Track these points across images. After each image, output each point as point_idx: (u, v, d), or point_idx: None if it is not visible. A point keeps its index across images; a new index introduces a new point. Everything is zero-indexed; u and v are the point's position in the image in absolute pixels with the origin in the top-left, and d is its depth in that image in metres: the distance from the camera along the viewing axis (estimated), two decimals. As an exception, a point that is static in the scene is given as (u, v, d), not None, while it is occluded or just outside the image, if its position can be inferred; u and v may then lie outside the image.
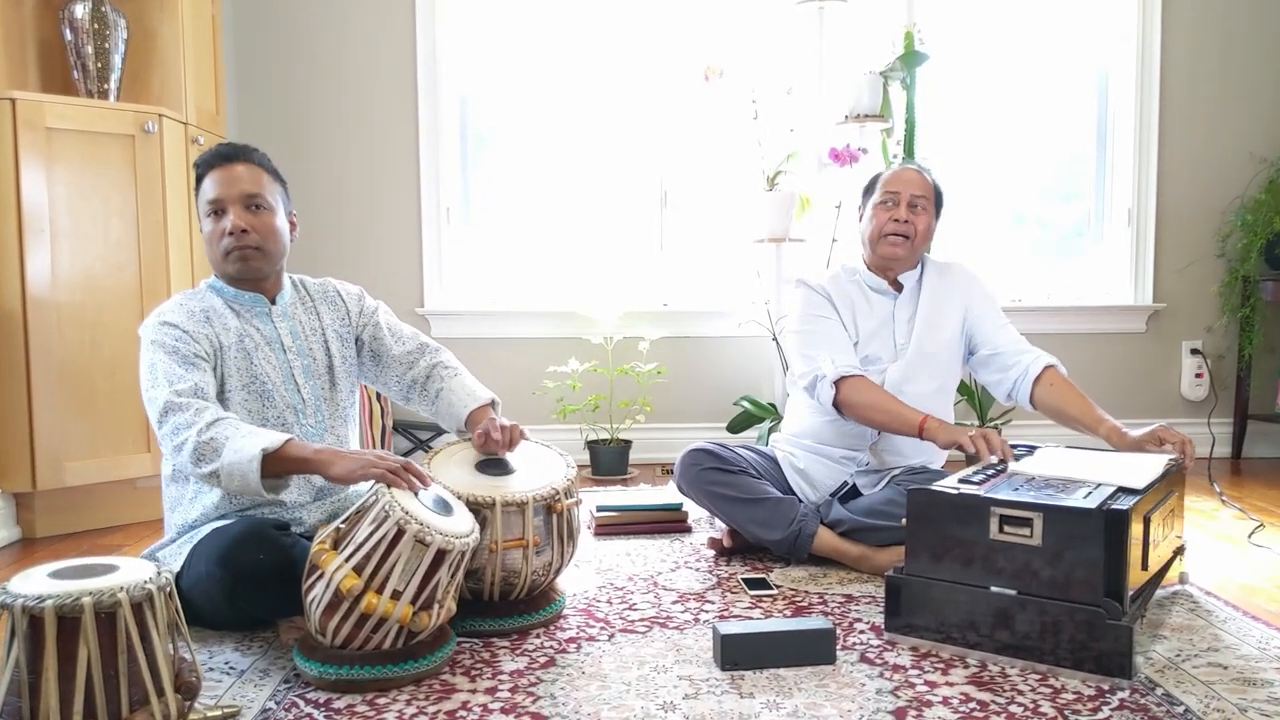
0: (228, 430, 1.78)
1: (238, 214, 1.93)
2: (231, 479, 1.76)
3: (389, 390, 2.20)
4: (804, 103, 3.70)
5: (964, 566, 1.79)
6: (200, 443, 1.76)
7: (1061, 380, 2.34)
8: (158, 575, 1.41)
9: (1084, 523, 1.68)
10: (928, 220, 2.42)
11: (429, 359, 2.17)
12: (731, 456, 2.45)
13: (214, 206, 1.95)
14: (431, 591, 1.66)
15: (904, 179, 2.43)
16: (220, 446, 1.76)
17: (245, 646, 1.87)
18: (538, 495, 1.89)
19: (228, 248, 1.94)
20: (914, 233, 2.39)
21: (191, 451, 1.77)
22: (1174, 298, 3.99)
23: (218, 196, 1.94)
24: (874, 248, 2.44)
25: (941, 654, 1.79)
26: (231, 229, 1.92)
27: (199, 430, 1.77)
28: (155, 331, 1.90)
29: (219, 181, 1.94)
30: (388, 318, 2.20)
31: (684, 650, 1.82)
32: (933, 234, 2.46)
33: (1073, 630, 1.68)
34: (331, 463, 1.77)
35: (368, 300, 2.19)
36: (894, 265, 2.45)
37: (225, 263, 1.96)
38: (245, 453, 1.74)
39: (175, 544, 1.96)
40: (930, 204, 2.43)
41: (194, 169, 1.99)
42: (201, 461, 1.77)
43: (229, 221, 1.93)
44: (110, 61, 2.93)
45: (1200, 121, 3.93)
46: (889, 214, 2.40)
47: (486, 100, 3.96)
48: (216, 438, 1.77)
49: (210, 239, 1.97)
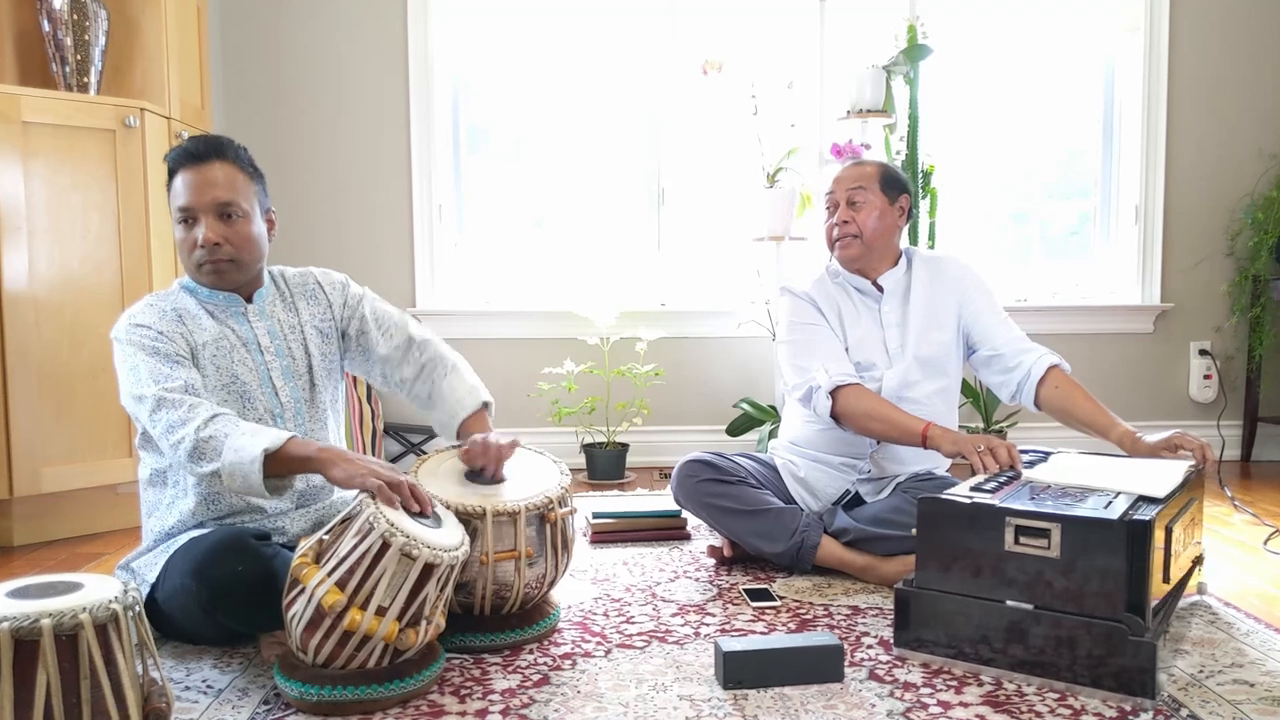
0: (227, 427, 1.70)
1: (210, 225, 1.82)
2: (233, 479, 1.67)
3: (379, 384, 2.12)
4: (805, 98, 3.63)
5: (977, 579, 1.71)
6: (199, 440, 1.68)
7: (1067, 381, 2.25)
8: (124, 594, 1.32)
9: (1105, 534, 1.60)
10: (874, 209, 2.30)
11: (417, 356, 2.06)
12: (730, 466, 2.37)
13: (185, 214, 1.83)
14: (419, 607, 1.58)
15: (839, 178, 2.35)
16: (220, 445, 1.68)
17: (224, 663, 1.79)
18: (531, 505, 1.81)
19: (199, 260, 1.84)
20: (860, 229, 2.30)
21: (190, 450, 1.69)
22: (1182, 297, 3.91)
23: (188, 204, 1.82)
24: (832, 253, 2.39)
25: (954, 670, 1.71)
26: (203, 241, 1.82)
27: (196, 427, 1.69)
28: (129, 334, 1.82)
29: (190, 186, 1.82)
30: (374, 307, 2.08)
31: (684, 667, 1.74)
32: (895, 219, 2.34)
33: (1091, 646, 1.60)
34: (334, 463, 1.68)
35: (352, 289, 2.08)
36: (860, 266, 2.36)
37: (199, 274, 1.87)
38: (247, 452, 1.65)
39: (152, 553, 1.88)
40: (874, 189, 2.31)
41: (169, 161, 1.88)
42: (201, 460, 1.69)
43: (200, 233, 1.82)
44: (90, 54, 2.84)
45: (1209, 116, 3.85)
46: (831, 220, 2.34)
47: (479, 95, 3.88)
48: (215, 435, 1.69)
49: (182, 247, 1.86)
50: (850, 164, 2.40)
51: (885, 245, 2.35)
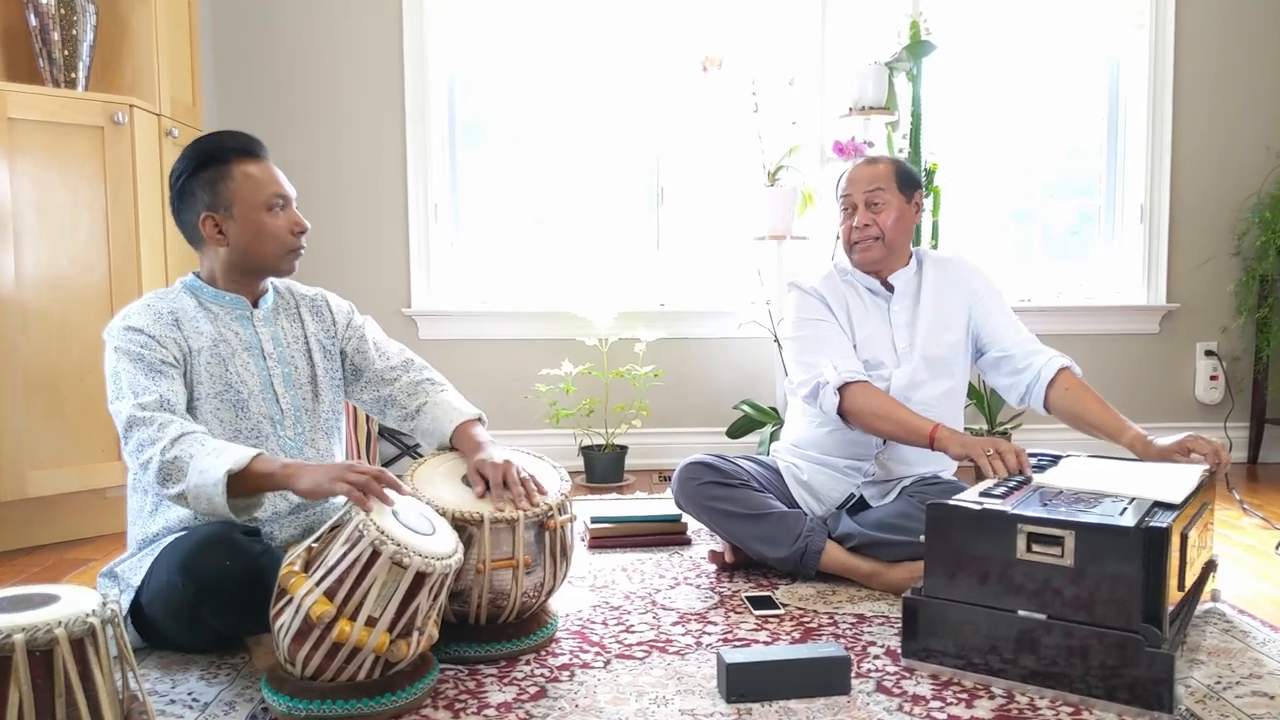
0: (192, 447, 1.65)
1: (296, 214, 1.88)
2: (199, 501, 1.63)
3: (367, 405, 2.06)
4: (806, 95, 3.58)
5: (987, 587, 1.66)
6: (165, 462, 1.64)
7: (1077, 384, 2.20)
8: (102, 606, 1.27)
9: (1121, 541, 1.54)
10: (894, 210, 2.26)
11: (413, 375, 2.04)
12: (732, 469, 2.32)
13: (281, 201, 1.86)
14: (410, 618, 1.53)
15: (854, 178, 2.30)
16: (185, 466, 1.64)
17: (212, 674, 1.73)
18: (529, 511, 1.75)
19: (292, 246, 1.87)
20: (881, 231, 2.25)
21: (157, 472, 1.65)
22: (1188, 297, 3.86)
23: (285, 192, 1.87)
24: (850, 256, 2.33)
25: (964, 682, 1.66)
26: (303, 227, 1.87)
27: (163, 448, 1.65)
28: (119, 337, 1.77)
29: (273, 177, 1.86)
30: (375, 332, 2.08)
31: (686, 679, 1.68)
32: (912, 216, 2.31)
33: (1106, 657, 1.55)
34: (298, 476, 1.63)
35: (357, 316, 2.07)
36: (877, 268, 2.31)
37: (282, 261, 1.87)
38: (210, 474, 1.61)
39: (136, 557, 1.84)
40: (891, 189, 2.26)
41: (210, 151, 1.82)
42: (168, 482, 1.65)
43: (299, 219, 1.87)
44: (78, 49, 2.79)
45: (1216, 114, 3.80)
46: (849, 222, 2.29)
47: (476, 92, 3.83)
48: (181, 456, 1.64)
49: (273, 232, 1.84)
50: (863, 163, 2.33)
51: (903, 245, 2.32)
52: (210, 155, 1.82)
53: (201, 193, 1.82)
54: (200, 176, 1.82)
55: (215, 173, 1.81)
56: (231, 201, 1.82)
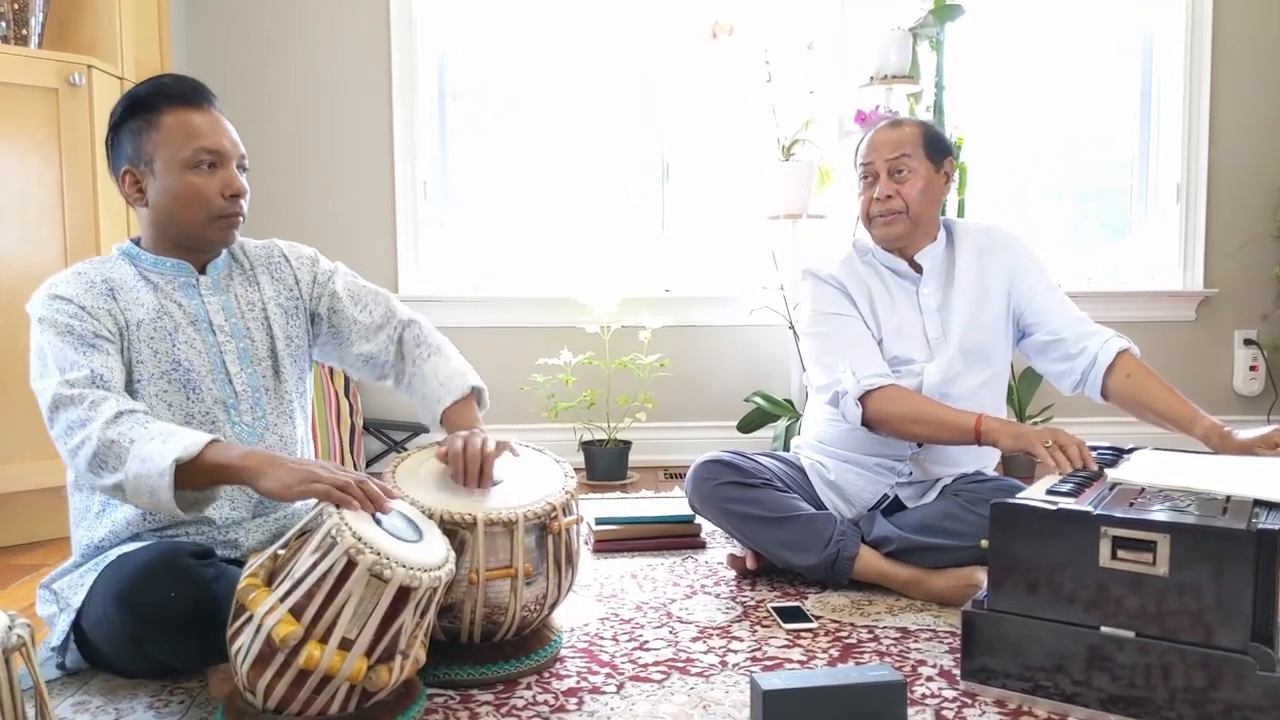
0: (133, 430, 1.41)
1: (234, 175, 1.61)
2: (139, 494, 1.40)
3: (355, 372, 1.83)
4: (823, 63, 3.37)
5: (1064, 600, 1.44)
6: (100, 445, 1.41)
7: (1140, 369, 1.97)
8: (8, 632, 1.03)
9: (1229, 547, 1.32)
10: (920, 179, 2.01)
11: (398, 331, 1.79)
12: (752, 467, 2.09)
13: (212, 157, 1.58)
14: (392, 640, 1.30)
15: (875, 143, 2.04)
16: (124, 452, 1.40)
17: (162, 702, 1.50)
18: (530, 512, 1.52)
19: (223, 211, 1.60)
20: (905, 203, 2.00)
21: (90, 458, 1.42)
22: (1226, 283, 3.68)
23: (218, 147, 1.59)
24: (870, 231, 2.08)
25: (1036, 710, 1.44)
26: (236, 190, 1.60)
27: (98, 429, 1.42)
28: (45, 307, 1.55)
29: (211, 127, 1.59)
30: (347, 281, 1.81)
31: (712, 707, 1.45)
32: (941, 187, 2.06)
33: (1205, 683, 1.34)
34: (263, 472, 1.39)
35: (322, 264, 1.80)
36: (901, 244, 2.07)
37: (211, 228, 1.60)
38: (154, 463, 1.37)
39: (78, 571, 1.61)
40: (918, 156, 2.01)
41: (142, 96, 1.58)
42: (102, 470, 1.41)
43: (234, 180, 1.60)
44: (30, 3, 2.56)
45: (1255, 89, 3.61)
46: (869, 193, 2.04)
47: (467, 60, 3.60)
48: (119, 440, 1.40)
49: (196, 194, 1.57)
50: (886, 126, 2.09)
51: (931, 219, 2.08)
52: (141, 101, 1.58)
53: (126, 143, 1.59)
54: (129, 125, 1.59)
55: (143, 121, 1.57)
56: (153, 155, 1.57)
